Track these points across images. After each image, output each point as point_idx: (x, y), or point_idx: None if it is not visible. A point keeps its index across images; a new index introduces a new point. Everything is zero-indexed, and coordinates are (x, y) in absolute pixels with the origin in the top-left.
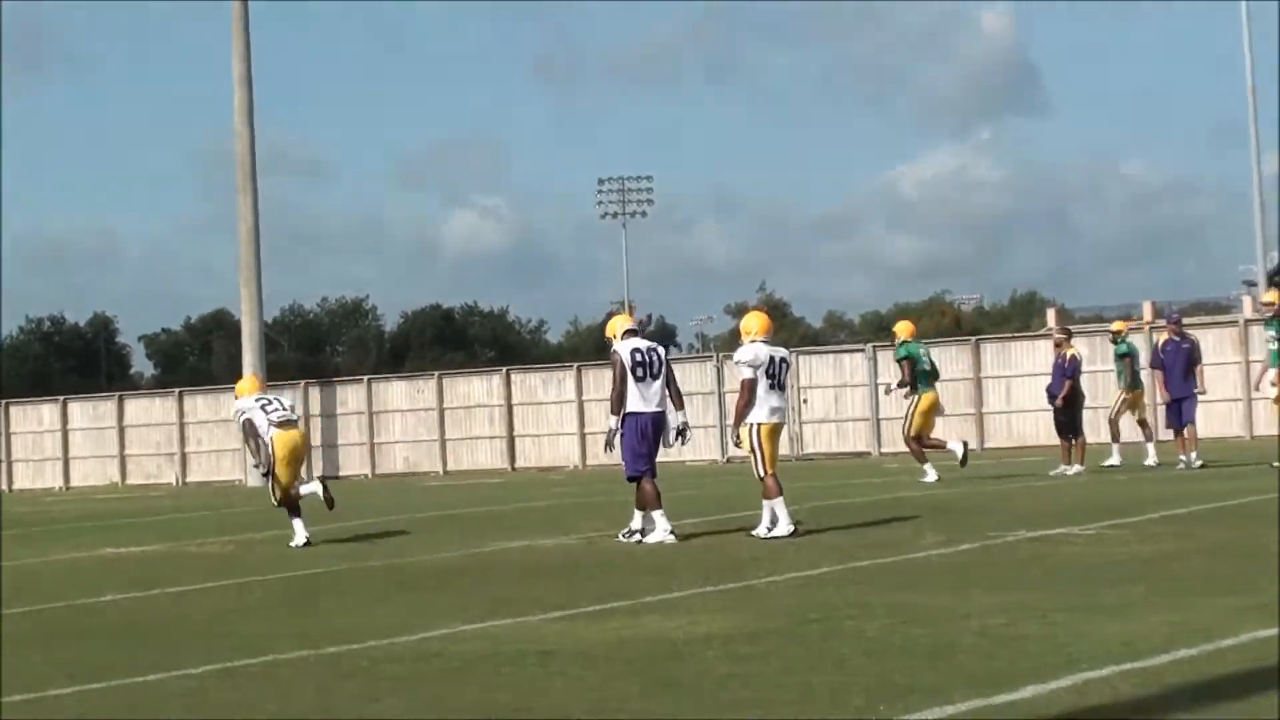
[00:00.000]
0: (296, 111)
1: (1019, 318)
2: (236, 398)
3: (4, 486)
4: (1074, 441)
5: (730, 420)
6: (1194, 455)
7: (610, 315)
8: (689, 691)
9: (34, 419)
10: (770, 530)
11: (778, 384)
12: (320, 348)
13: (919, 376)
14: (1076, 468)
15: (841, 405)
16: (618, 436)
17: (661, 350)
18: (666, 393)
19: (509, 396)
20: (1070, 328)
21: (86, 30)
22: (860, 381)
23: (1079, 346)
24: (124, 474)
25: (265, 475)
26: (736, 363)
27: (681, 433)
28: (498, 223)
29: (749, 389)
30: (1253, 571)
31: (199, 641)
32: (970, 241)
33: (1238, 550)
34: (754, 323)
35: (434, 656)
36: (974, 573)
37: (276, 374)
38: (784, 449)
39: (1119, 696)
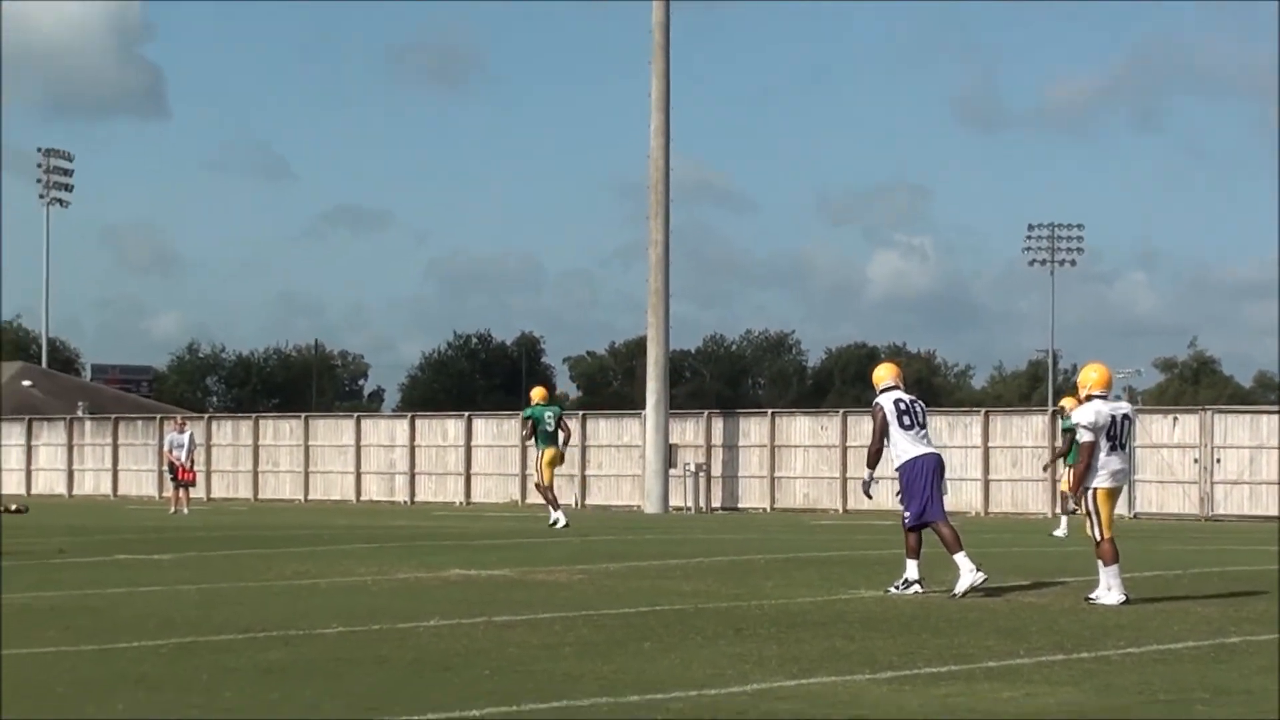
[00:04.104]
0: (722, 145)
1: None
2: None
3: (406, 498)
4: None
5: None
6: None
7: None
8: None
9: (439, 433)
10: (1098, 597)
11: (1119, 444)
12: (741, 380)
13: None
14: None
15: (1256, 467)
16: (873, 487)
17: (923, 403)
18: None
19: None
20: None
21: (511, 50)
22: (1276, 444)
23: None
24: (524, 493)
25: None
26: (1075, 424)
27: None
28: (922, 262)
29: (1088, 452)
30: None
31: (498, 679)
32: None
33: None
34: (1093, 374)
35: (736, 715)
36: None
37: (692, 403)
38: (1194, 508)
39: None
